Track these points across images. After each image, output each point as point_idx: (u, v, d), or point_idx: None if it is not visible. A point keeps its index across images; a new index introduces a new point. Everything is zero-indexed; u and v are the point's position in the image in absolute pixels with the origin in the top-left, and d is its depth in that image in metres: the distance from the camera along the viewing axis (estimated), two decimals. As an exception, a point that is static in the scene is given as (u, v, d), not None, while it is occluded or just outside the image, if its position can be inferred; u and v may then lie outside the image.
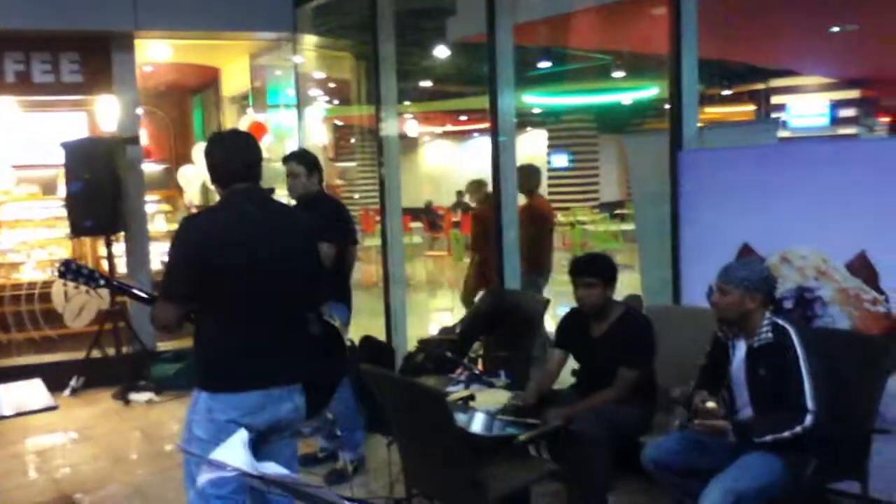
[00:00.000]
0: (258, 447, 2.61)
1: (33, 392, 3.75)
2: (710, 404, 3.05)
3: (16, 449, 5.37)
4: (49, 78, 6.90)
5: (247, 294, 2.60)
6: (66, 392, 6.45)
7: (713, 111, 16.98)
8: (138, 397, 6.39)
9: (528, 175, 6.19)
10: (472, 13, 5.46)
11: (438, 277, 13.34)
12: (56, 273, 2.92)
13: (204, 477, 1.99)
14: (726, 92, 16.55)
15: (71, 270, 2.89)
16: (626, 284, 5.43)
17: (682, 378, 3.56)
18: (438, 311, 10.74)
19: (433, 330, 8.23)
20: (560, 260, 12.22)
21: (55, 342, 7.37)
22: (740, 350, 3.13)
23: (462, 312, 7.76)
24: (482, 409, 3.26)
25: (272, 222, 2.70)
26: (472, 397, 3.50)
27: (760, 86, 16.42)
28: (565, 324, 3.91)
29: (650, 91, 14.82)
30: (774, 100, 16.63)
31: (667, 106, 4.39)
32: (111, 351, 6.65)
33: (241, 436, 2.12)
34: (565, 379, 3.93)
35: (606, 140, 20.13)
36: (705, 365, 3.32)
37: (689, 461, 3.14)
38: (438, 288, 12.62)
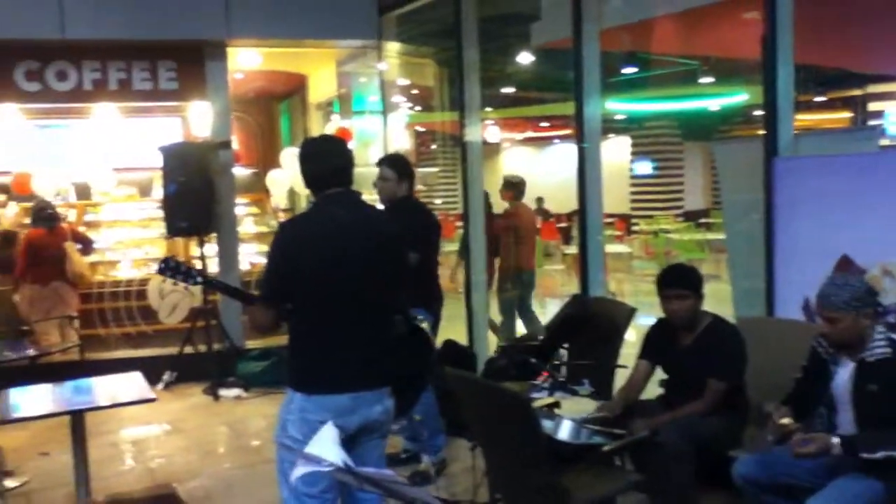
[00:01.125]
0: (349, 449, 2.65)
1: (132, 384, 3.92)
2: (785, 420, 2.96)
3: (113, 438, 5.64)
4: (148, 85, 7.22)
5: (336, 297, 2.65)
6: (160, 386, 6.72)
7: (805, 118, 16.38)
8: (227, 393, 6.61)
9: (519, 184, 6.93)
10: (558, 18, 5.43)
11: (517, 284, 13.28)
12: (157, 269, 3.05)
13: (298, 471, 2.05)
14: (819, 98, 15.95)
15: (170, 268, 3.00)
16: (712, 295, 5.37)
17: (774, 392, 3.45)
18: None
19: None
20: (644, 269, 12.08)
21: (150, 337, 7.69)
22: (845, 368, 3.00)
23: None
24: (568, 416, 3.24)
25: (360, 227, 2.74)
26: (556, 404, 3.48)
27: (856, 92, 15.76)
28: (652, 335, 3.84)
29: (738, 97, 14.40)
30: (871, 106, 15.93)
31: (757, 112, 4.27)
32: (202, 347, 6.91)
33: (331, 431, 2.18)
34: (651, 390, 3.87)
35: (691, 147, 19.68)
36: (801, 379, 3.21)
37: (782, 479, 3.04)
38: (517, 294, 12.57)
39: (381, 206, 4.35)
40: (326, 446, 2.01)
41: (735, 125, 18.52)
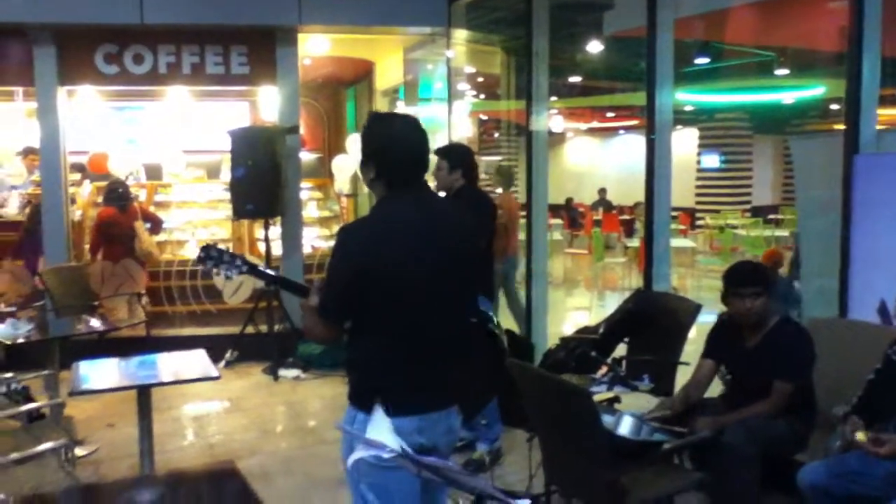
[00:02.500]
0: None
1: (197, 362, 4.00)
2: (860, 436, 2.85)
3: (176, 413, 5.79)
4: (220, 70, 7.35)
5: (410, 312, 2.35)
6: (222, 364, 6.85)
7: (884, 113, 15.69)
8: (286, 373, 6.72)
9: (508, 174, 7.35)
10: (632, 7, 5.32)
11: (576, 276, 13.21)
12: (196, 259, 2.67)
13: (357, 454, 2.06)
14: (900, 92, 15.26)
15: (211, 257, 2.65)
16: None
17: (841, 396, 3.34)
18: (576, 310, 10.63)
19: (568, 328, 8.19)
20: (709, 264, 11.83)
21: (213, 316, 7.87)
22: None
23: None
24: (629, 412, 3.18)
25: (435, 228, 2.40)
26: (617, 399, 3.43)
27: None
28: (717, 333, 3.74)
29: (815, 90, 13.88)
30: (957, 102, 15.16)
31: (834, 106, 4.10)
32: (263, 328, 7.03)
33: (385, 419, 2.17)
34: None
35: (762, 140, 19.13)
36: (873, 383, 3.09)
37: (851, 488, 2.93)
38: (575, 287, 12.49)
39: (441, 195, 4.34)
40: (385, 433, 2.03)
41: (809, 119, 17.91)
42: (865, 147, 3.85)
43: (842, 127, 3.94)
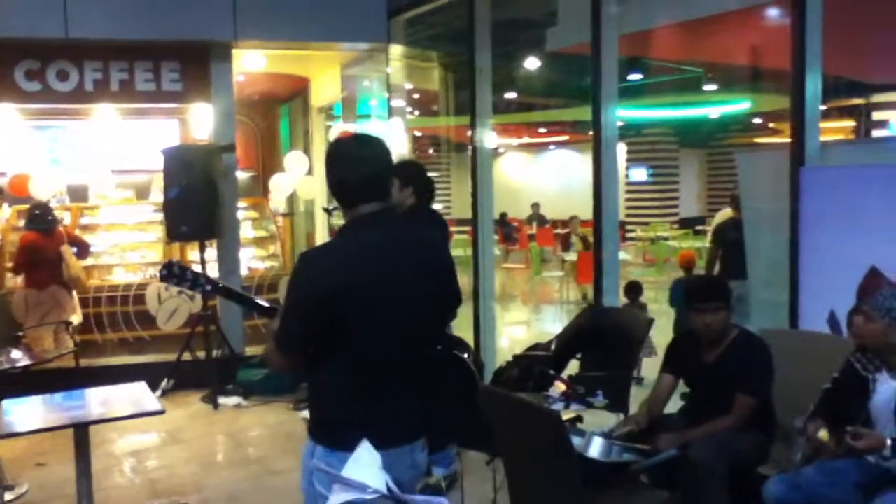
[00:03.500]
0: None
1: (137, 395, 3.77)
2: (822, 433, 2.92)
3: (111, 448, 5.48)
4: (150, 86, 7.07)
5: (373, 337, 2.24)
6: (158, 393, 6.54)
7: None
8: (227, 401, 6.47)
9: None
10: (575, 23, 5.35)
11: (513, 290, 13.25)
12: (159, 276, 2.60)
13: (338, 497, 1.93)
14: (821, 107, 15.88)
15: (174, 274, 2.56)
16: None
17: (797, 407, 3.37)
18: (514, 325, 10.65)
19: (506, 343, 8.15)
20: (643, 276, 12.03)
21: (147, 343, 7.53)
22: (886, 385, 2.92)
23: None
24: (598, 432, 3.13)
25: (399, 249, 2.29)
26: (579, 419, 3.38)
27: (859, 101, 15.69)
28: (676, 348, 3.75)
29: (740, 105, 14.35)
30: (876, 115, 15.85)
31: (755, 120, 4.20)
32: (201, 354, 6.75)
33: (373, 455, 2.05)
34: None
35: (687, 154, 19.70)
36: (831, 390, 3.12)
37: (815, 500, 2.95)
38: (512, 301, 12.53)
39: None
40: (367, 470, 1.90)
41: (731, 133, 18.51)
42: (810, 160, 3.94)
43: (762, 140, 4.04)
